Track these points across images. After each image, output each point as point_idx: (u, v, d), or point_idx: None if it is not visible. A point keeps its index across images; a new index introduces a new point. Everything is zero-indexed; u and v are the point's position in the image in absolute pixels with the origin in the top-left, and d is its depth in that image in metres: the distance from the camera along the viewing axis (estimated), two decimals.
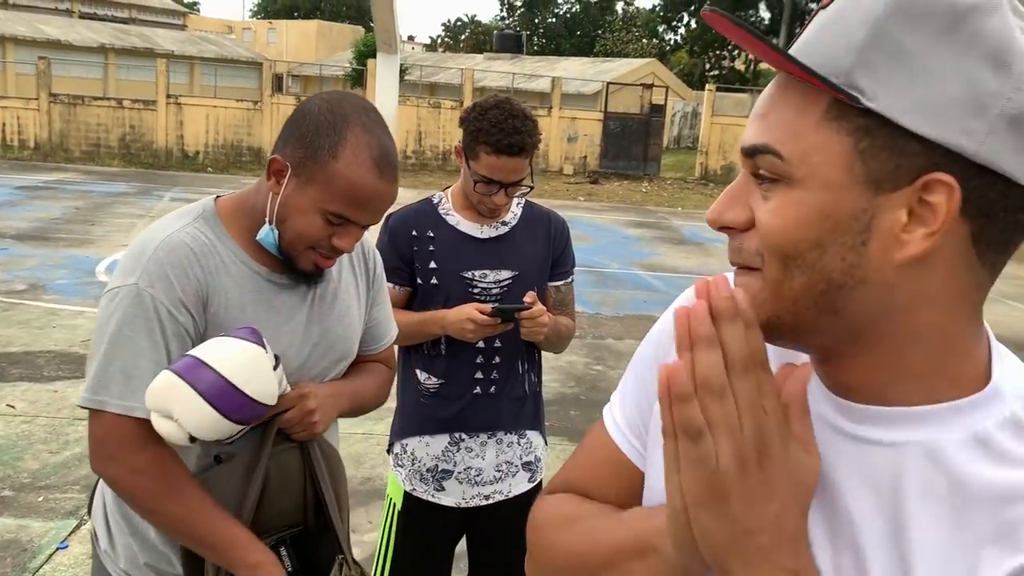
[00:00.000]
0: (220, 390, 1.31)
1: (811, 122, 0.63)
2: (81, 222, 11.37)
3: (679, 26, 50.60)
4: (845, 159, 0.61)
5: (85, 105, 19.70)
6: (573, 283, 2.39)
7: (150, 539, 1.51)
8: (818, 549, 0.66)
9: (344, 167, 1.36)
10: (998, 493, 0.61)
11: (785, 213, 0.64)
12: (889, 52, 0.59)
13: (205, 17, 50.13)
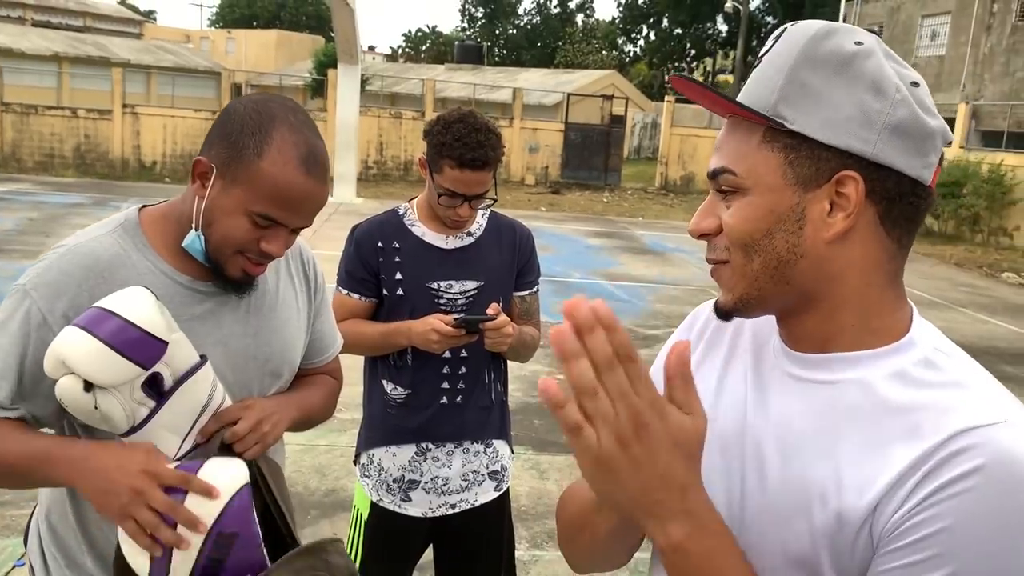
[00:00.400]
0: (96, 317, 1.24)
1: (753, 146, 0.87)
2: (35, 233, 11.14)
3: (638, 38, 51.16)
4: (780, 169, 0.85)
5: (38, 114, 19.34)
6: (538, 293, 2.41)
7: (87, 569, 1.47)
8: (770, 463, 0.88)
9: (269, 166, 1.32)
10: (907, 405, 0.82)
11: (742, 214, 0.87)
12: (799, 89, 0.84)
13: (162, 26, 49.54)
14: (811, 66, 0.84)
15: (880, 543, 0.79)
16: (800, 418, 0.88)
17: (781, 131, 0.85)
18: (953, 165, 16.69)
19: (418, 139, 21.61)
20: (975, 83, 21.39)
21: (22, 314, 1.33)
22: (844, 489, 0.81)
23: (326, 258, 1.43)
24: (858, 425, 0.84)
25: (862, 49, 0.83)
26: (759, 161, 0.86)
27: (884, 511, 0.78)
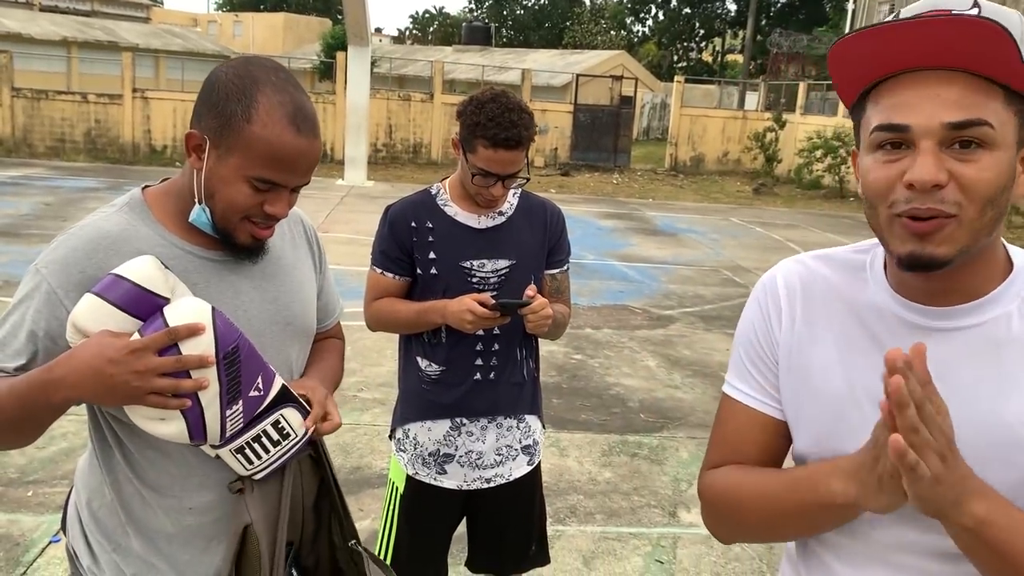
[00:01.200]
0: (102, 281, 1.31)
1: (999, 106, 0.92)
2: (52, 218, 11.22)
3: (647, 18, 50.82)
4: (1017, 130, 0.93)
5: (49, 99, 19.39)
6: (568, 271, 2.45)
7: (133, 551, 1.51)
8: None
9: (260, 129, 1.33)
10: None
11: (993, 169, 0.92)
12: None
13: (169, 10, 49.38)
14: None
15: None
16: (965, 364, 0.98)
17: (1018, 95, 0.92)
18: None
19: (427, 121, 21.66)
20: None
21: (35, 290, 1.37)
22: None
23: (339, 240, 1.45)
24: (1014, 352, 0.97)
25: None
26: (1006, 120, 0.92)
27: None
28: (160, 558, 1.50)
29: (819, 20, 39.08)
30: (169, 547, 1.51)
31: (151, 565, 1.50)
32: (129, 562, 1.50)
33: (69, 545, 1.59)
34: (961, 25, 0.88)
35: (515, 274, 2.26)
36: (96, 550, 1.53)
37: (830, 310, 1.09)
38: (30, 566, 3.32)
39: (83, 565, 1.54)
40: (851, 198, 19.46)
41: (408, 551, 2.37)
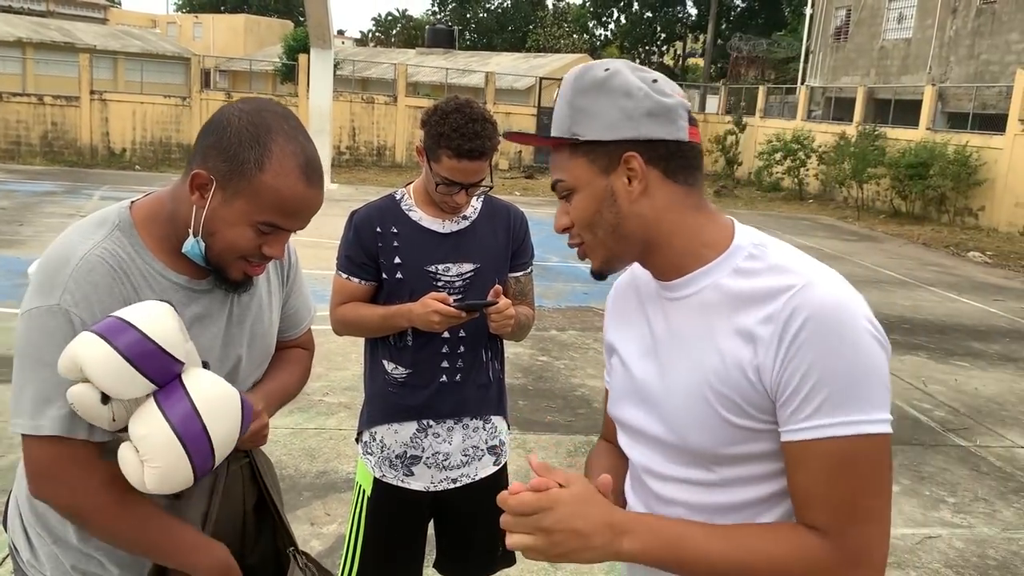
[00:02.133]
0: (117, 328, 1.29)
1: (567, 159, 1.23)
2: (8, 222, 11.01)
3: (609, 22, 51.10)
4: (587, 168, 1.22)
5: (3, 101, 19.06)
6: (532, 273, 2.49)
7: (73, 544, 1.51)
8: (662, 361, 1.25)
9: (272, 179, 1.35)
10: (748, 291, 1.17)
11: (579, 207, 1.24)
12: (578, 112, 1.21)
13: (127, 11, 48.68)
14: (581, 95, 1.20)
15: (775, 393, 1.12)
16: (682, 327, 1.23)
17: (579, 143, 1.21)
18: (920, 146, 16.97)
19: (391, 124, 21.62)
20: (941, 65, 21.70)
21: (74, 332, 1.33)
22: (731, 364, 1.15)
23: (304, 243, 1.47)
24: (720, 313, 1.19)
25: (610, 73, 1.19)
26: (573, 167, 1.23)
27: (765, 369, 1.12)
28: (98, 550, 1.52)
29: (778, 24, 39.64)
30: (112, 547, 1.52)
31: (88, 556, 1.52)
32: (68, 554, 1.51)
33: (9, 540, 1.59)
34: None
35: (479, 277, 2.29)
36: (36, 543, 1.53)
37: (629, 293, 1.39)
38: None
39: (23, 560, 1.55)
40: (810, 200, 19.79)
41: (375, 553, 2.38)
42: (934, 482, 4.72)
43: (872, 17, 24.77)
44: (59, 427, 1.35)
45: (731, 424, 1.16)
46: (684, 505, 1.23)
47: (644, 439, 1.28)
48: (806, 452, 1.10)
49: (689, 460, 1.21)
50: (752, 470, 1.18)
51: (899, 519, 4.25)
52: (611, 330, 1.41)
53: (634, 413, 1.29)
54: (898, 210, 17.76)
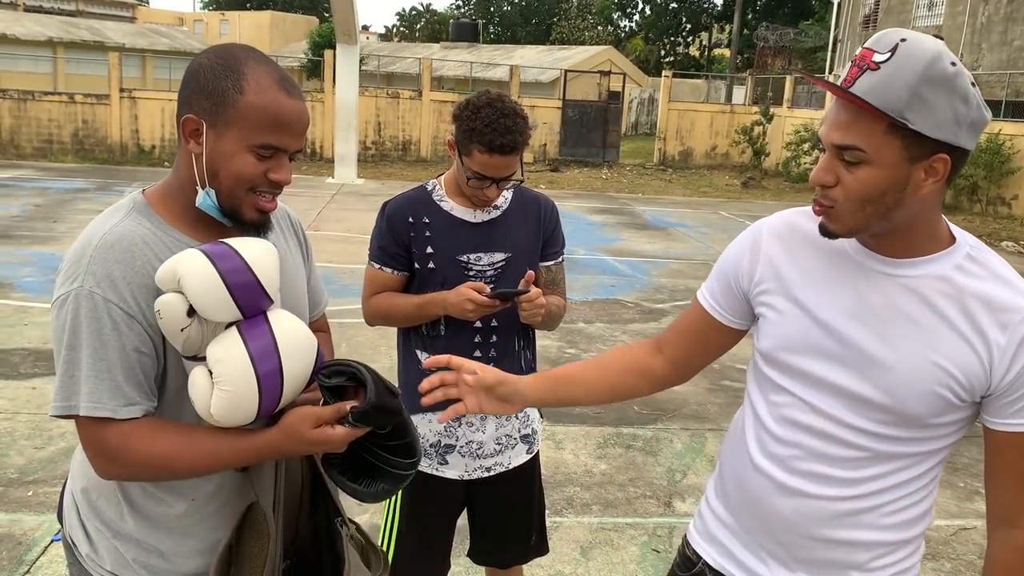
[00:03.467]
0: (227, 256, 1.37)
1: (880, 133, 1.25)
2: (42, 219, 11.19)
3: (634, 13, 50.84)
4: (899, 152, 1.25)
5: (35, 100, 19.30)
6: (563, 263, 2.49)
7: (133, 537, 1.53)
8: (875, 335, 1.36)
9: (254, 97, 1.39)
10: (980, 293, 1.32)
11: (865, 179, 1.28)
12: (919, 102, 1.22)
13: (155, 9, 49.14)
14: (929, 85, 1.21)
15: (1001, 392, 1.32)
16: (900, 304, 1.35)
17: (903, 127, 1.22)
18: None
19: (416, 119, 21.65)
20: (973, 53, 21.35)
21: (104, 314, 1.38)
22: (967, 352, 1.31)
23: (331, 238, 1.49)
24: (943, 301, 1.33)
25: (957, 70, 1.23)
26: (883, 144, 1.25)
27: (996, 367, 1.30)
28: (161, 543, 1.54)
29: (805, 13, 39.19)
30: (170, 534, 1.54)
31: (151, 550, 1.54)
32: (129, 547, 1.54)
33: (67, 535, 1.61)
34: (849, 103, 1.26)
35: (511, 267, 2.30)
36: (95, 537, 1.56)
37: (809, 251, 1.45)
38: (33, 565, 3.35)
39: (82, 553, 1.57)
40: None
41: (411, 542, 2.40)
42: (968, 473, 4.67)
43: (902, 4, 24.42)
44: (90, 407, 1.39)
45: (946, 400, 1.33)
46: (850, 445, 1.40)
47: (834, 392, 1.40)
48: (1018, 440, 1.33)
49: (892, 420, 1.37)
50: (935, 432, 1.39)
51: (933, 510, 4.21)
52: (784, 275, 1.46)
53: (827, 369, 1.40)
54: None
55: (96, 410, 1.38)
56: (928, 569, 3.66)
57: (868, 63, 1.24)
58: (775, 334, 1.47)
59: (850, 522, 1.43)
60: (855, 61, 1.25)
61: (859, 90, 1.23)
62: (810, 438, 1.43)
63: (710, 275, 1.62)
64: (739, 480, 1.55)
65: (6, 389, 5.18)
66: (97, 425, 1.39)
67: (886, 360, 1.35)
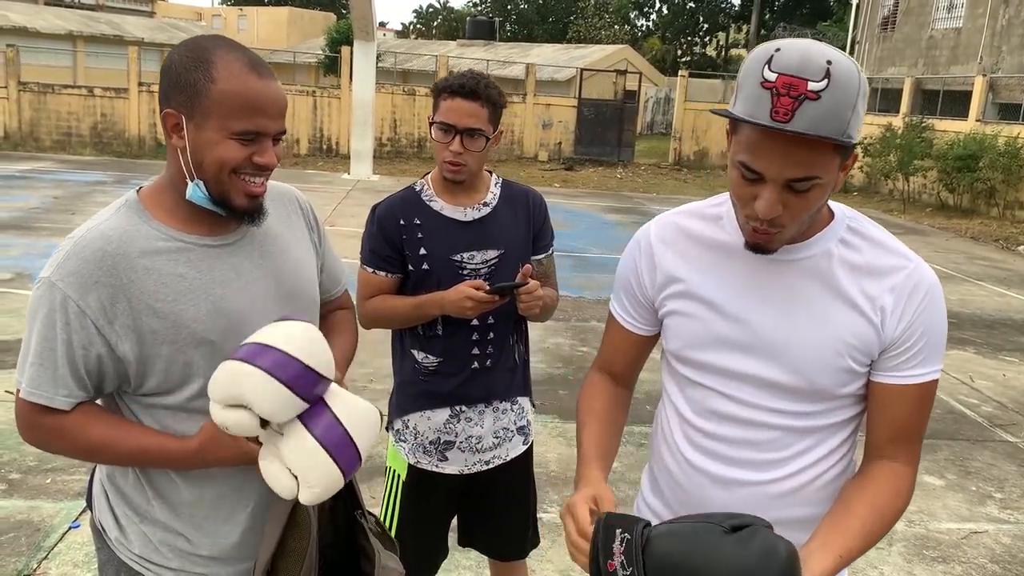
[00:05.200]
0: (286, 365, 1.37)
1: (828, 156, 1.27)
2: (61, 211, 11.31)
3: (651, 12, 50.70)
4: (836, 165, 1.30)
5: (55, 93, 19.48)
6: (553, 254, 2.51)
7: (160, 521, 1.59)
8: (779, 313, 1.42)
9: (225, 83, 1.41)
10: (865, 263, 1.41)
11: (815, 198, 1.31)
12: (856, 116, 1.25)
13: (174, 4, 49.35)
14: (861, 99, 1.25)
15: (888, 348, 1.40)
16: (803, 285, 1.41)
17: (844, 143, 1.25)
18: (969, 138, 16.60)
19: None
20: (992, 55, 21.19)
21: (58, 306, 1.42)
22: (862, 322, 1.39)
23: (345, 234, 1.51)
24: (843, 280, 1.40)
25: (863, 73, 1.27)
26: (831, 165, 1.29)
27: (887, 326, 1.39)
28: (184, 526, 1.59)
29: (823, 14, 39.01)
30: (192, 516, 1.59)
31: (176, 532, 1.59)
32: (156, 531, 1.59)
33: (96, 520, 1.66)
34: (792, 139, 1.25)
35: (504, 263, 2.31)
36: (123, 523, 1.61)
37: (699, 249, 1.51)
38: (51, 551, 3.40)
39: (111, 538, 1.62)
40: (854, 192, 19.49)
41: (410, 535, 2.41)
42: (981, 477, 4.66)
43: (921, 6, 24.26)
44: (28, 391, 1.46)
45: (848, 369, 1.41)
46: (771, 427, 1.47)
47: (747, 380, 1.46)
48: (905, 392, 1.42)
49: (804, 397, 1.44)
50: (844, 402, 1.46)
51: (944, 514, 4.21)
52: (679, 277, 1.51)
53: (734, 358, 1.46)
54: (945, 203, 17.42)
55: (33, 396, 1.45)
56: (938, 572, 3.66)
57: (804, 93, 1.20)
58: (681, 334, 1.52)
59: (786, 502, 1.48)
60: (781, 90, 1.20)
61: (806, 124, 1.20)
62: (734, 427, 1.49)
63: (614, 292, 1.68)
64: (672, 476, 1.59)
65: None
66: (32, 406, 1.47)
67: (787, 341, 1.41)
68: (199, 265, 1.51)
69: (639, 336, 1.65)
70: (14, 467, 4.09)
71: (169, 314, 1.47)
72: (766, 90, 1.21)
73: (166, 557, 1.59)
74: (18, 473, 4.03)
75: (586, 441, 1.56)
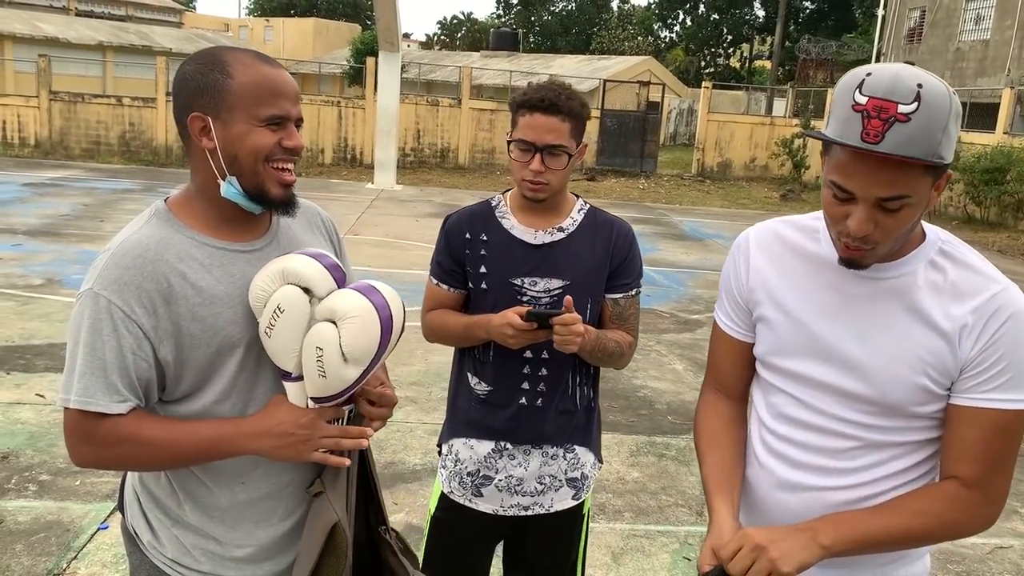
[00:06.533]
0: (387, 314, 1.52)
1: (918, 176, 1.30)
2: (90, 218, 11.48)
3: (674, 24, 50.72)
4: (929, 185, 1.33)
5: (85, 103, 19.79)
6: (638, 296, 2.27)
7: (192, 524, 1.60)
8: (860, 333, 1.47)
9: (244, 76, 1.49)
10: (951, 284, 1.43)
11: (907, 217, 1.34)
12: (948, 137, 1.29)
13: (201, 15, 50.06)
14: (953, 120, 1.29)
15: (964, 368, 1.40)
16: (887, 303, 1.45)
17: (936, 164, 1.29)
18: (996, 151, 16.45)
19: (455, 126, 21.80)
20: (1021, 67, 21.00)
21: (104, 313, 1.45)
22: (940, 341, 1.41)
23: (369, 243, 1.56)
24: (929, 295, 1.43)
25: (955, 97, 1.30)
26: (922, 185, 1.32)
27: (964, 346, 1.40)
28: (217, 528, 1.62)
29: (848, 26, 38.83)
30: (224, 519, 1.62)
31: (208, 536, 1.62)
32: (188, 534, 1.61)
33: (129, 525, 1.68)
34: (886, 161, 1.30)
35: (569, 296, 2.06)
36: (156, 526, 1.63)
37: (792, 258, 1.56)
38: (80, 551, 3.45)
39: (143, 542, 1.65)
40: None
41: (438, 565, 2.29)
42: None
43: (948, 18, 24.11)
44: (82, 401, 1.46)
45: (924, 387, 1.43)
46: (842, 436, 1.50)
47: (824, 389, 1.51)
48: (979, 416, 1.41)
49: (877, 411, 1.47)
50: (920, 423, 1.47)
51: None
52: (770, 283, 1.57)
53: (812, 367, 1.51)
54: (972, 216, 17.26)
55: (88, 405, 1.46)
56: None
57: (895, 115, 1.25)
58: (767, 339, 1.58)
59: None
60: (872, 113, 1.26)
61: (895, 145, 1.26)
62: (805, 432, 1.53)
63: (719, 299, 1.71)
64: (747, 477, 1.64)
65: (55, 382, 5.32)
66: (86, 417, 1.47)
67: (864, 354, 1.45)
68: (231, 270, 1.55)
69: (742, 343, 1.67)
70: (44, 469, 4.16)
71: (206, 318, 1.51)
72: (857, 113, 1.27)
73: (198, 560, 1.62)
74: (48, 475, 4.10)
75: (708, 474, 1.61)
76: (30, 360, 5.70)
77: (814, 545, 1.37)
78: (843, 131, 1.30)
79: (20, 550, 3.44)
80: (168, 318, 1.48)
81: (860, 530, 1.40)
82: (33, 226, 10.65)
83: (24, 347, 5.94)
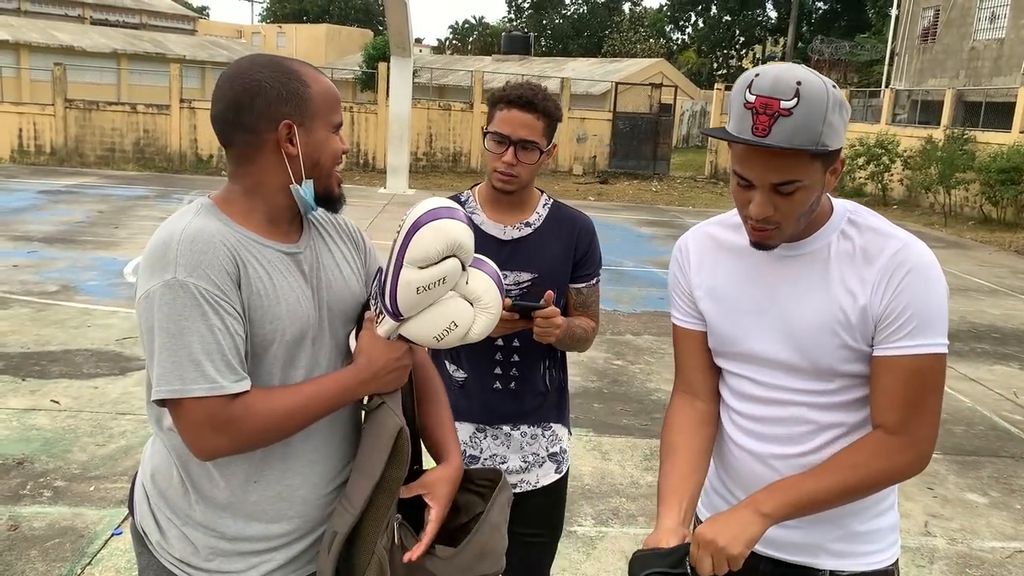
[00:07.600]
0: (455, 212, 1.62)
1: (806, 162, 1.45)
2: (105, 225, 11.56)
3: (686, 26, 50.61)
4: (819, 169, 1.48)
5: (100, 110, 19.95)
6: (598, 284, 2.41)
7: (201, 524, 1.60)
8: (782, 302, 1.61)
9: (317, 86, 1.58)
10: (860, 249, 1.57)
11: (801, 200, 1.49)
12: (829, 127, 1.43)
13: (215, 22, 50.32)
14: (832, 111, 1.42)
15: (878, 323, 1.53)
16: (806, 275, 1.59)
17: (823, 151, 1.44)
18: (1013, 151, 16.31)
19: (467, 130, 21.84)
20: None
21: (196, 299, 1.44)
22: (855, 302, 1.54)
23: (383, 248, 1.53)
24: (841, 265, 1.57)
25: (837, 89, 1.45)
26: (812, 169, 1.47)
27: (873, 302, 1.53)
28: (227, 527, 1.61)
29: (861, 27, 38.61)
30: (235, 517, 1.61)
31: (218, 535, 1.61)
32: (196, 535, 1.61)
33: (138, 524, 1.68)
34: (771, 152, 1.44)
35: (537, 288, 2.23)
36: (164, 526, 1.63)
37: (722, 252, 1.71)
38: (94, 557, 3.47)
39: (152, 542, 1.64)
40: (894, 206, 19.23)
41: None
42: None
43: (962, 17, 23.96)
44: (209, 387, 1.45)
45: (845, 345, 1.55)
46: (795, 404, 1.63)
47: (768, 364, 1.64)
48: (895, 364, 1.52)
49: (814, 376, 1.60)
50: (854, 381, 1.59)
51: (988, 532, 4.13)
52: (706, 278, 1.72)
53: (755, 346, 1.64)
54: (988, 216, 17.12)
55: (215, 390, 1.44)
56: None
57: (778, 111, 1.40)
58: (714, 330, 1.72)
59: None
60: (759, 109, 1.41)
61: (781, 138, 1.41)
62: (762, 406, 1.67)
63: (671, 301, 1.84)
64: (723, 456, 1.78)
65: (70, 388, 5.36)
66: (213, 403, 1.45)
67: (793, 326, 1.59)
68: (280, 267, 1.58)
69: (700, 333, 1.77)
70: (59, 475, 4.18)
71: (264, 308, 1.53)
72: (748, 110, 1.42)
73: (206, 559, 1.62)
74: (63, 480, 4.12)
75: (660, 484, 1.70)
76: (45, 366, 5.74)
77: (756, 517, 1.47)
78: (738, 127, 1.44)
79: (35, 556, 3.45)
80: (238, 300, 1.50)
81: (797, 492, 1.51)
82: (48, 233, 10.73)
83: (39, 353, 5.98)
